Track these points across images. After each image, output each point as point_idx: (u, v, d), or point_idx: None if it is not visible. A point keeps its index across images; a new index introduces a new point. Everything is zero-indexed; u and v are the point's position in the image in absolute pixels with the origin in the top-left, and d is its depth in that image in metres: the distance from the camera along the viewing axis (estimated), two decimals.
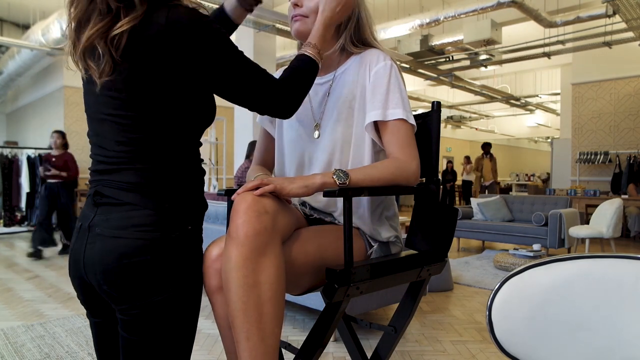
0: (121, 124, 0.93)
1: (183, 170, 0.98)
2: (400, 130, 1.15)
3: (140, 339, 0.94)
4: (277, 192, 1.02)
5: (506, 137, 18.98)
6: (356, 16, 1.24)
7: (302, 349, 1.11)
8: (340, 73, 1.26)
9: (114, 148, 0.94)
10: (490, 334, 0.80)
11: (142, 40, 0.89)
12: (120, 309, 0.94)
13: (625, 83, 7.96)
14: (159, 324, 0.94)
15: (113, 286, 0.91)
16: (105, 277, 0.91)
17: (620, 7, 5.58)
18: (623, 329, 0.70)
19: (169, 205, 0.94)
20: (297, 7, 1.21)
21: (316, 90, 1.28)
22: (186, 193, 0.98)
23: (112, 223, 0.92)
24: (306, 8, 1.20)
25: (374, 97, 1.17)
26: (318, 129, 1.26)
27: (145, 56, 0.89)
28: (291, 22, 1.24)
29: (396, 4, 7.40)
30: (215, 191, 5.58)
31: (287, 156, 1.32)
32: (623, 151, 7.84)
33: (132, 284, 0.91)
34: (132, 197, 0.92)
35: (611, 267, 0.74)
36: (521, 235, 5.26)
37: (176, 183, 0.96)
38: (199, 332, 2.68)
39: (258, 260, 0.93)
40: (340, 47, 1.25)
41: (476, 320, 2.94)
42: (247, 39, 6.51)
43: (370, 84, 1.19)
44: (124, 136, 0.93)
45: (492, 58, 8.06)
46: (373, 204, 1.23)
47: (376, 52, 1.22)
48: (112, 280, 0.91)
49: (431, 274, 1.28)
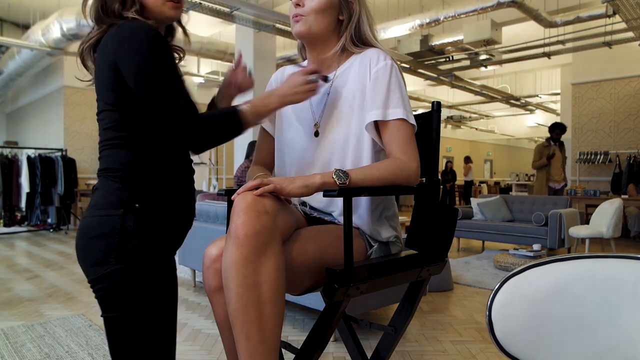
0: (99, 120, 1.10)
1: (145, 157, 1.06)
2: (401, 130, 1.15)
3: (112, 317, 1.04)
4: (277, 192, 1.02)
5: (506, 137, 18.98)
6: (357, 16, 1.24)
7: (302, 349, 1.11)
8: (341, 73, 1.25)
9: (99, 142, 1.12)
10: (490, 334, 0.80)
11: (98, 51, 1.07)
12: (92, 288, 1.05)
13: (625, 83, 7.96)
14: (124, 298, 1.02)
15: (80, 263, 1.07)
16: (77, 257, 1.07)
17: (620, 7, 5.58)
18: (623, 329, 0.70)
19: (121, 185, 1.04)
20: (299, 6, 1.21)
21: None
22: (140, 175, 1.06)
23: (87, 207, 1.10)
24: (307, 8, 1.20)
25: (375, 96, 1.17)
26: (317, 128, 1.26)
27: (99, 63, 1.06)
28: (292, 22, 1.24)
29: (396, 4, 7.39)
30: (215, 191, 5.58)
31: (287, 156, 1.32)
32: (623, 151, 7.84)
33: (87, 259, 1.04)
34: (99, 181, 1.09)
35: (611, 267, 0.74)
36: (521, 235, 5.25)
37: (133, 168, 1.05)
38: (199, 332, 2.68)
39: (258, 260, 0.93)
40: (341, 47, 1.25)
41: (476, 320, 2.94)
42: (247, 39, 6.51)
43: (371, 83, 1.18)
44: (101, 131, 1.10)
45: (492, 58, 8.06)
46: (373, 203, 1.23)
47: (376, 51, 1.22)
48: (78, 257, 1.07)
49: (431, 274, 1.28)
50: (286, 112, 1.32)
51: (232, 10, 5.72)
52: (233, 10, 5.70)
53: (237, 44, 6.80)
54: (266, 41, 6.63)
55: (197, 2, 5.51)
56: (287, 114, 1.32)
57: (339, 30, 1.25)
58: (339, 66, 1.27)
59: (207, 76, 10.10)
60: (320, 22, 1.21)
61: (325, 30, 1.22)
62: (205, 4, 5.61)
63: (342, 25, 1.24)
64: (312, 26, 1.20)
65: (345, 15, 1.24)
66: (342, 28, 1.24)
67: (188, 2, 5.51)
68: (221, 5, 5.63)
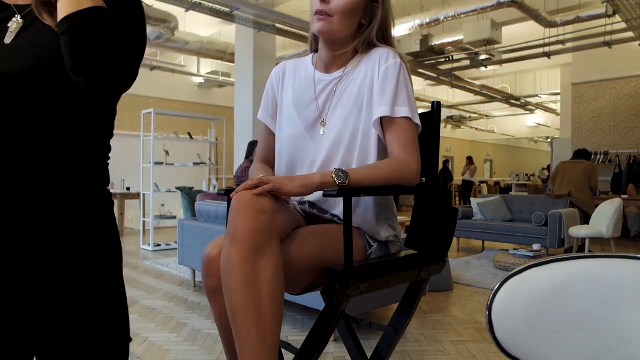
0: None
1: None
2: (405, 129, 1.15)
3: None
4: (276, 191, 1.02)
5: (506, 137, 18.99)
6: (379, 24, 1.22)
7: (302, 349, 1.11)
8: (350, 70, 1.24)
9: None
10: (490, 334, 0.80)
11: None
12: None
13: (625, 83, 7.97)
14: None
15: None
16: None
17: (620, 7, 5.59)
18: (623, 328, 0.70)
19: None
20: (324, 2, 1.16)
21: (323, 86, 1.26)
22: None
23: None
24: (334, 6, 1.16)
25: (383, 92, 1.16)
26: (324, 126, 1.25)
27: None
28: (313, 18, 1.19)
29: (396, 4, 7.39)
30: (215, 191, 5.59)
31: (288, 153, 1.30)
32: (623, 151, 7.84)
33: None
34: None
35: (611, 267, 0.73)
36: (521, 235, 5.26)
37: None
38: (199, 332, 2.68)
39: (256, 259, 0.93)
40: (355, 47, 1.23)
41: (476, 320, 2.94)
42: (247, 39, 6.51)
43: (380, 80, 1.18)
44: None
45: (492, 58, 8.07)
46: (372, 203, 1.23)
47: (386, 49, 1.21)
48: None
49: (431, 274, 1.28)
50: (288, 107, 1.31)
51: (232, 10, 5.72)
52: (233, 10, 5.70)
53: (237, 44, 6.80)
54: (266, 41, 6.63)
55: (197, 2, 5.51)
56: (288, 110, 1.31)
57: (359, 33, 1.23)
58: (347, 63, 1.25)
59: (207, 76, 10.10)
60: (345, 24, 1.18)
61: (348, 33, 1.20)
62: (205, 4, 5.61)
63: (362, 28, 1.23)
64: (336, 27, 1.17)
65: (367, 20, 1.22)
66: (361, 31, 1.23)
67: (188, 2, 5.51)
68: (221, 5, 5.63)
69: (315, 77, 1.28)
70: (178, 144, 7.00)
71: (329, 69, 1.27)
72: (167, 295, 3.55)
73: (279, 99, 1.35)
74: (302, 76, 1.31)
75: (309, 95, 1.28)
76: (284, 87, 1.34)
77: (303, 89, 1.29)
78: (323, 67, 1.28)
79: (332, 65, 1.26)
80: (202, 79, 10.30)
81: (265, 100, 1.39)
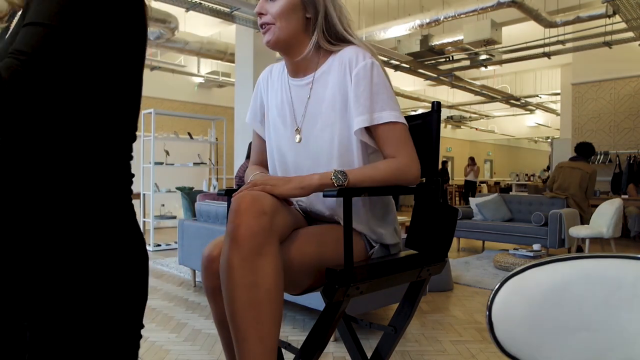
0: None
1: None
2: (392, 131, 1.12)
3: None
4: (268, 192, 1.02)
5: (506, 137, 18.99)
6: (324, 11, 1.17)
7: (302, 349, 1.11)
8: (320, 74, 1.20)
9: None
10: (490, 334, 0.80)
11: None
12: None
13: (625, 83, 7.97)
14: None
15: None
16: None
17: (620, 7, 5.58)
18: (623, 329, 0.70)
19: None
20: (262, 15, 1.16)
21: (297, 92, 1.23)
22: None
23: None
24: (270, 15, 1.15)
25: (358, 101, 1.12)
26: (299, 134, 1.21)
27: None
28: (261, 34, 1.19)
29: (396, 4, 7.40)
30: (215, 191, 5.59)
31: (276, 160, 1.29)
32: (623, 151, 7.84)
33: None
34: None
35: (611, 267, 0.73)
36: (521, 235, 5.25)
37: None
38: (199, 332, 2.68)
39: (256, 260, 0.93)
40: (314, 45, 1.18)
41: (476, 320, 2.94)
42: (247, 39, 6.51)
43: (353, 87, 1.13)
44: None
45: (492, 58, 8.06)
46: (372, 203, 1.23)
47: (354, 50, 1.16)
48: None
49: (431, 274, 1.28)
50: (272, 115, 1.29)
51: (232, 10, 5.72)
52: (233, 10, 5.70)
53: (237, 44, 6.80)
54: None
55: (197, 2, 5.51)
56: (272, 117, 1.29)
57: (310, 30, 1.18)
58: (317, 68, 1.21)
59: (207, 76, 10.10)
60: (287, 26, 1.14)
61: (294, 33, 1.16)
62: (205, 4, 5.61)
63: (310, 23, 1.18)
64: (280, 33, 1.15)
65: (311, 12, 1.16)
66: (310, 26, 1.18)
67: (188, 2, 5.51)
68: (221, 5, 5.63)
69: (289, 82, 1.26)
70: (178, 144, 7.00)
71: (297, 74, 1.23)
72: (167, 295, 3.55)
73: (265, 103, 1.33)
74: (282, 80, 1.29)
75: (286, 100, 1.25)
76: (269, 91, 1.32)
77: (281, 94, 1.27)
78: (291, 72, 1.25)
79: (298, 70, 1.23)
80: (202, 79, 10.30)
81: (253, 105, 1.37)
